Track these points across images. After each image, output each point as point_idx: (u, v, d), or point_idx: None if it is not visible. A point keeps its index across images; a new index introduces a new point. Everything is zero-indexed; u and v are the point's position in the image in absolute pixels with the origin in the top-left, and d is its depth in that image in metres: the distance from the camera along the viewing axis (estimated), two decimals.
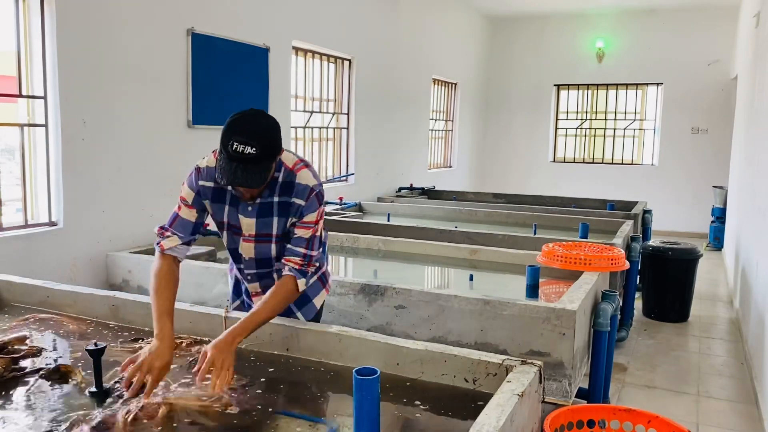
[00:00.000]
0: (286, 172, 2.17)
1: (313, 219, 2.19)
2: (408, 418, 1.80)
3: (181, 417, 1.76)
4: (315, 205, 2.18)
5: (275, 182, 2.16)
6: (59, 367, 2.01)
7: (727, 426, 3.73)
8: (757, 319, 4.31)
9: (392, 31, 7.93)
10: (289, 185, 2.17)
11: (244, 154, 1.93)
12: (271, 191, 2.17)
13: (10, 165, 3.98)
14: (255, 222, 2.21)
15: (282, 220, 2.20)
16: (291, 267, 2.17)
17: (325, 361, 2.18)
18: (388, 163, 8.11)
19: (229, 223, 2.26)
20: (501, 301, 2.91)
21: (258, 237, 2.23)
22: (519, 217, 6.29)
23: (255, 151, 1.93)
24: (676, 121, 10.62)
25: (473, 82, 11.04)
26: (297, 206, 2.17)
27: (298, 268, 2.18)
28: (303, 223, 2.18)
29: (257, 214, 2.20)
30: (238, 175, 1.95)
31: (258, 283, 2.38)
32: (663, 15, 10.48)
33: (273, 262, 2.29)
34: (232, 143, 1.93)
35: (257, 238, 2.24)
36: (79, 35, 3.79)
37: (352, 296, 3.22)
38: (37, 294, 2.81)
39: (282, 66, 5.74)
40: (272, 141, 2.01)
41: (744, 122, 7.17)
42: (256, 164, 1.96)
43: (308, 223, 2.18)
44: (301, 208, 2.17)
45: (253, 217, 2.20)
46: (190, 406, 1.81)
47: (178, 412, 1.78)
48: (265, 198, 2.17)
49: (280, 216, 2.20)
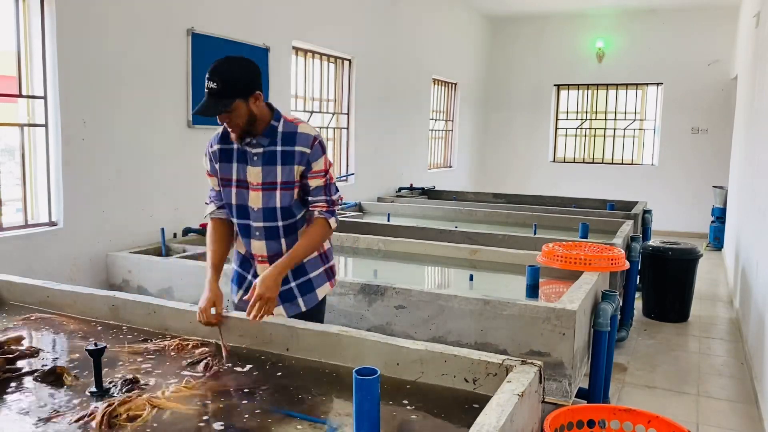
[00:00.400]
0: (286, 123, 2.36)
1: (322, 167, 2.35)
2: (408, 418, 1.80)
3: (175, 419, 1.76)
4: (319, 151, 2.34)
5: (274, 131, 2.34)
6: (55, 368, 2.00)
7: (727, 426, 3.73)
8: (757, 319, 4.31)
9: (392, 31, 7.93)
10: (291, 135, 2.33)
11: (209, 88, 2.22)
12: (272, 140, 2.33)
13: (10, 165, 3.98)
14: (261, 170, 2.35)
15: (285, 168, 2.33)
16: (319, 210, 2.39)
17: (325, 361, 2.18)
18: (388, 163, 8.11)
19: (238, 179, 2.41)
20: (501, 301, 2.91)
21: (264, 185, 2.36)
22: (519, 217, 6.29)
23: (216, 85, 2.21)
24: (676, 121, 10.62)
25: (473, 82, 11.04)
26: (301, 154, 2.32)
27: (325, 210, 2.39)
28: (314, 173, 2.35)
29: (262, 163, 2.35)
30: (203, 105, 2.24)
31: (264, 242, 2.45)
32: (663, 15, 10.48)
33: (278, 214, 2.39)
34: (205, 81, 2.23)
35: (264, 186, 2.36)
36: (79, 35, 3.79)
37: (352, 296, 3.22)
38: (37, 294, 2.81)
39: (282, 66, 5.74)
40: (234, 78, 2.23)
41: (744, 122, 7.17)
42: (217, 98, 2.21)
43: (319, 172, 2.35)
44: (307, 156, 2.32)
45: (259, 165, 2.35)
46: (176, 407, 1.80)
47: (167, 413, 1.77)
48: (268, 147, 2.33)
49: (283, 164, 2.33)
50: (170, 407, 1.78)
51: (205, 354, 2.20)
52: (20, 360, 2.11)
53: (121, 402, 1.74)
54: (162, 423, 1.71)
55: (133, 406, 1.74)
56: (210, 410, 1.81)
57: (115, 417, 1.68)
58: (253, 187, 2.38)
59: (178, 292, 3.69)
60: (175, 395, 1.86)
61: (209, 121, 4.87)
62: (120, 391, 1.87)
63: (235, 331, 2.36)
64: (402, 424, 1.78)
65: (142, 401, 1.77)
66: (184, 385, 1.93)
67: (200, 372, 2.06)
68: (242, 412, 1.79)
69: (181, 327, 2.47)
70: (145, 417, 1.71)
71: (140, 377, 1.99)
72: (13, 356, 2.10)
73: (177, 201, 4.63)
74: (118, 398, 1.77)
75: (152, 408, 1.76)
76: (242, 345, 2.31)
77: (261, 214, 2.41)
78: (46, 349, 2.26)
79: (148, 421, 1.70)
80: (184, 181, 4.69)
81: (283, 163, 2.34)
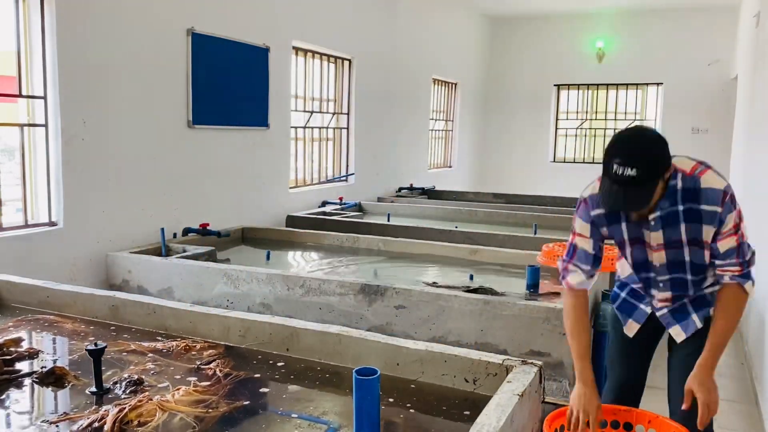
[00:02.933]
0: (686, 178, 2.00)
1: (732, 225, 2.00)
2: (408, 418, 1.80)
3: (179, 421, 1.76)
4: (730, 208, 1.98)
5: (674, 191, 2.00)
6: (54, 369, 1.99)
7: (727, 426, 3.73)
8: (757, 319, 4.31)
9: (392, 31, 7.92)
10: (694, 192, 1.98)
11: (625, 176, 1.84)
12: (672, 201, 2.00)
13: (10, 165, 3.97)
14: (662, 233, 2.06)
15: (691, 226, 2.02)
16: (731, 275, 2.03)
17: (325, 361, 2.18)
18: (388, 163, 8.11)
19: (632, 237, 2.13)
20: (501, 301, 2.91)
21: (668, 244, 2.08)
22: (519, 217, 6.29)
23: (635, 173, 1.83)
24: (676, 121, 10.61)
25: (473, 82, 11.04)
26: (711, 213, 1.98)
27: (738, 273, 2.03)
28: (725, 234, 2.00)
29: (662, 226, 2.05)
30: (619, 198, 1.88)
31: (670, 292, 2.18)
32: (663, 15, 10.47)
33: (686, 266, 2.11)
34: (612, 165, 1.86)
35: (667, 245, 2.08)
36: (79, 35, 3.79)
37: (352, 296, 3.22)
38: (37, 294, 2.81)
39: (282, 66, 5.74)
40: (654, 161, 1.88)
41: (744, 122, 7.17)
42: (637, 186, 1.86)
43: (730, 232, 2.00)
44: (719, 215, 1.98)
45: (659, 230, 2.06)
46: (187, 411, 1.80)
47: (176, 415, 1.78)
48: (667, 208, 2.01)
49: (687, 222, 2.02)
50: (181, 411, 1.78)
51: (213, 356, 2.20)
52: (19, 361, 2.10)
53: (132, 407, 1.73)
54: (171, 426, 1.70)
55: (144, 412, 1.73)
56: (216, 412, 1.81)
57: (126, 423, 1.67)
58: (654, 248, 2.10)
59: (178, 292, 3.68)
60: (185, 398, 1.86)
61: (209, 121, 4.87)
62: (124, 392, 1.87)
63: (235, 331, 2.36)
64: (402, 424, 1.77)
65: (152, 406, 1.76)
66: (193, 388, 1.92)
67: (209, 374, 2.05)
68: (243, 412, 1.79)
69: (181, 327, 2.47)
70: (157, 422, 1.70)
71: (145, 378, 1.99)
72: (12, 358, 2.10)
73: (177, 201, 4.63)
74: (128, 403, 1.76)
75: (163, 412, 1.75)
76: (243, 345, 2.31)
77: (666, 269, 2.13)
78: (46, 350, 2.26)
79: (159, 426, 1.69)
80: (184, 181, 4.68)
81: (686, 221, 2.01)
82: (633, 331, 2.31)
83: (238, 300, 3.52)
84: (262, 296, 3.47)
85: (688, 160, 2.06)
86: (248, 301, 3.50)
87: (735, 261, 2.02)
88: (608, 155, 1.89)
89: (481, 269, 4.17)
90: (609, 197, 1.90)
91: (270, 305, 3.45)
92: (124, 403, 1.76)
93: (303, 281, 3.37)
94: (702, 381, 2.01)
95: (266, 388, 1.97)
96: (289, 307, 3.38)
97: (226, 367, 2.10)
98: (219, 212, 5.03)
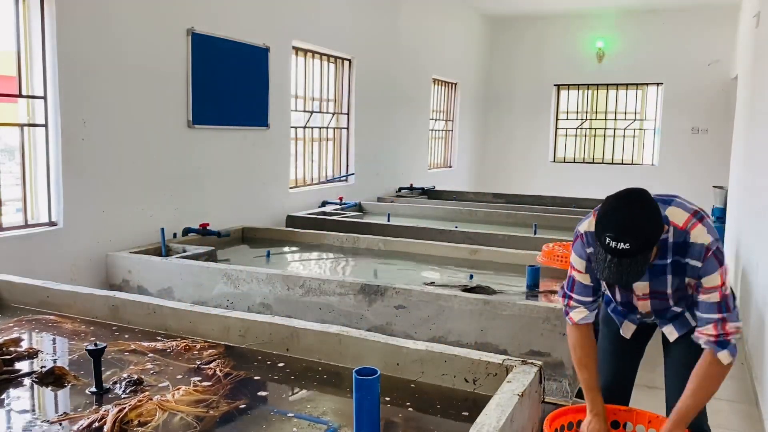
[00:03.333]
0: (677, 232, 1.96)
1: (716, 282, 1.93)
2: (408, 418, 1.80)
3: (179, 421, 1.76)
4: (714, 264, 1.92)
5: (665, 244, 1.97)
6: (53, 369, 1.99)
7: (727, 426, 3.73)
8: (757, 319, 4.30)
9: (392, 31, 7.92)
10: (683, 245, 1.96)
11: (618, 250, 1.82)
12: (662, 254, 1.98)
13: (10, 165, 3.97)
14: (648, 284, 2.06)
15: (676, 279, 2.01)
16: (706, 341, 1.95)
17: (325, 361, 2.18)
18: (388, 163, 8.11)
19: None
20: (501, 301, 2.91)
21: (653, 294, 2.09)
22: (519, 217, 6.29)
23: (629, 246, 1.81)
24: (676, 121, 10.61)
25: (473, 82, 11.04)
26: (692, 267, 1.95)
27: (714, 341, 1.93)
28: (706, 289, 1.95)
29: (649, 278, 2.04)
30: (612, 270, 1.86)
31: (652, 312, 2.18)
32: (663, 15, 10.47)
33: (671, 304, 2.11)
34: (604, 237, 1.84)
35: (652, 295, 2.09)
36: (79, 35, 3.79)
37: (352, 296, 3.22)
38: (37, 294, 2.81)
39: (282, 66, 5.74)
40: (646, 235, 1.84)
41: (744, 122, 7.17)
42: (631, 258, 1.83)
43: (712, 288, 1.94)
44: (698, 270, 1.94)
45: (646, 281, 2.05)
46: (187, 411, 1.80)
47: (176, 415, 1.78)
48: (656, 261, 1.99)
49: (674, 275, 2.01)
50: (181, 410, 1.78)
51: (213, 356, 2.20)
52: (19, 361, 2.10)
53: (132, 407, 1.73)
54: (171, 426, 1.70)
55: (144, 412, 1.73)
56: (216, 412, 1.81)
57: (126, 423, 1.67)
58: (639, 297, 2.12)
59: (178, 292, 3.68)
60: (185, 398, 1.86)
61: (209, 121, 4.88)
62: (124, 391, 1.87)
63: (235, 331, 2.36)
64: (402, 424, 1.77)
65: (152, 405, 1.76)
66: (193, 388, 1.93)
67: (209, 374, 2.05)
68: (243, 412, 1.79)
69: (181, 327, 2.47)
70: (157, 422, 1.70)
71: (145, 378, 1.99)
72: (11, 357, 2.10)
73: (177, 201, 4.63)
74: (129, 403, 1.76)
75: (163, 412, 1.75)
76: (243, 345, 2.31)
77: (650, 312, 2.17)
78: (46, 350, 2.26)
79: (159, 426, 1.69)
80: (184, 181, 4.68)
81: (674, 274, 2.00)
82: (630, 332, 2.29)
83: (238, 300, 3.52)
84: (262, 296, 3.47)
85: (683, 211, 1.98)
86: (248, 301, 3.50)
87: (713, 317, 1.93)
88: (600, 227, 1.86)
89: (481, 269, 4.17)
90: (606, 270, 1.87)
91: (270, 305, 3.45)
92: (124, 402, 1.76)
93: (303, 281, 3.37)
94: None
95: (266, 388, 1.97)
96: (289, 307, 3.38)
97: (226, 367, 2.10)
98: (219, 212, 5.03)
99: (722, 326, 1.92)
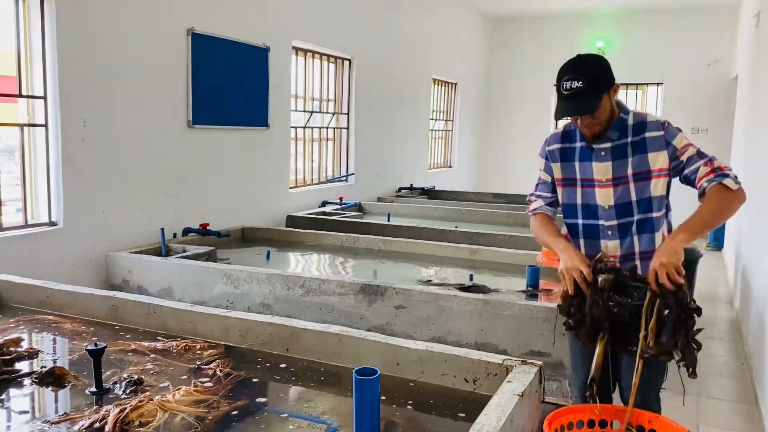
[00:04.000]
0: (635, 115, 2.23)
1: (686, 141, 2.18)
2: (408, 418, 1.80)
3: (180, 421, 1.76)
4: (675, 131, 2.19)
5: (624, 124, 2.20)
6: (54, 369, 1.99)
7: (727, 426, 3.73)
8: (757, 319, 4.30)
9: (392, 31, 7.92)
10: (641, 124, 2.20)
11: (573, 88, 2.09)
12: (622, 133, 2.20)
13: (10, 165, 3.98)
14: (611, 165, 2.22)
15: (637, 159, 2.19)
16: (707, 180, 2.10)
17: (325, 361, 2.18)
18: (388, 163, 8.11)
19: (582, 179, 2.29)
20: (501, 301, 2.91)
21: (615, 180, 2.22)
22: (519, 217, 6.28)
23: (582, 84, 2.08)
24: (676, 121, 10.48)
25: (473, 82, 11.04)
26: (655, 139, 2.17)
27: (713, 176, 2.09)
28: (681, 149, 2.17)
29: (612, 157, 2.21)
30: (569, 106, 2.11)
31: (619, 241, 2.26)
32: (663, 15, 10.47)
33: (633, 209, 2.23)
34: (562, 83, 2.11)
35: (614, 181, 2.22)
36: (79, 35, 3.79)
37: (352, 296, 3.22)
38: (37, 294, 2.81)
39: (282, 66, 5.74)
40: (598, 73, 2.12)
41: (744, 122, 7.17)
42: (585, 95, 2.08)
43: (685, 147, 2.17)
44: (663, 137, 2.17)
45: (608, 161, 2.22)
46: (188, 411, 1.80)
47: (177, 415, 1.78)
48: (616, 140, 2.20)
49: (635, 155, 2.19)
50: (182, 411, 1.78)
51: (213, 356, 2.20)
52: (19, 361, 2.10)
53: (133, 407, 1.72)
54: (172, 426, 1.70)
55: (145, 412, 1.73)
56: (216, 412, 1.81)
57: (127, 424, 1.67)
58: (602, 183, 2.24)
59: (178, 292, 3.69)
60: (185, 398, 1.86)
61: (209, 121, 4.87)
62: (124, 392, 1.87)
63: (235, 331, 2.36)
64: (402, 424, 1.77)
65: (153, 406, 1.76)
66: (193, 388, 1.93)
67: (210, 374, 2.05)
68: (243, 412, 1.79)
69: (181, 327, 2.47)
70: (158, 422, 1.70)
71: (145, 378, 1.99)
72: (11, 358, 2.10)
73: (177, 201, 4.63)
74: (129, 403, 1.76)
75: (164, 412, 1.75)
76: (242, 345, 2.32)
77: (613, 212, 2.25)
78: (46, 350, 2.26)
79: (160, 427, 1.69)
80: (184, 181, 4.69)
81: (634, 153, 2.19)
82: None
83: (238, 300, 3.52)
84: (262, 296, 3.47)
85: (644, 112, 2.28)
86: (248, 301, 3.50)
87: (703, 163, 2.12)
88: (559, 77, 2.14)
89: (481, 269, 4.17)
90: (561, 108, 2.13)
91: (270, 305, 3.45)
92: (124, 403, 1.76)
93: (303, 281, 3.37)
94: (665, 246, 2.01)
95: (266, 388, 1.97)
96: (289, 307, 3.38)
97: (226, 367, 2.11)
98: (219, 212, 5.03)
99: (712, 164, 2.12)
